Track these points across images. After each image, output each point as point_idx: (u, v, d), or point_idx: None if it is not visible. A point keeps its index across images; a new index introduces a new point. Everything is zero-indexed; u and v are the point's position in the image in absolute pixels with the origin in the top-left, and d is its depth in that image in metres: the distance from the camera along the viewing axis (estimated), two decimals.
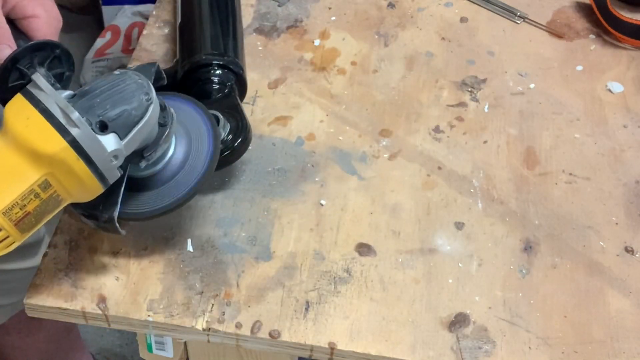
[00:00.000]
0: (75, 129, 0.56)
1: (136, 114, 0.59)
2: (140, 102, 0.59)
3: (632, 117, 0.87)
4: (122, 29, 1.90)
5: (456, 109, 0.87)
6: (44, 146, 0.55)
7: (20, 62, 0.59)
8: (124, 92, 0.59)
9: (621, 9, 0.98)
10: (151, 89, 0.60)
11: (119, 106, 0.58)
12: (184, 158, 0.68)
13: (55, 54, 0.62)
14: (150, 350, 0.83)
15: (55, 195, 0.58)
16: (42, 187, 0.57)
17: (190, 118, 0.70)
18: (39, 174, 0.56)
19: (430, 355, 0.66)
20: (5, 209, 0.56)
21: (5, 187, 0.56)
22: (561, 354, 0.66)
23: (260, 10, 0.99)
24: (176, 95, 0.72)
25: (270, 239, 0.73)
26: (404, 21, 0.98)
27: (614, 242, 0.74)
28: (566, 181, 0.80)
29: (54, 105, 0.56)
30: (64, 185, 0.58)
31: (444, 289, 0.70)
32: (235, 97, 0.78)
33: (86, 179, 0.58)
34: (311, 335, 0.66)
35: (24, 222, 0.57)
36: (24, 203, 0.56)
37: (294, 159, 0.80)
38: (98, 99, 0.58)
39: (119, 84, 0.59)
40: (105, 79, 0.59)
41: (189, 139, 0.69)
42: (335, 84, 0.89)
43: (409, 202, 0.77)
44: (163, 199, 0.67)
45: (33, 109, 0.55)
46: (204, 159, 0.68)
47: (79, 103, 0.57)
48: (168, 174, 0.67)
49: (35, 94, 0.56)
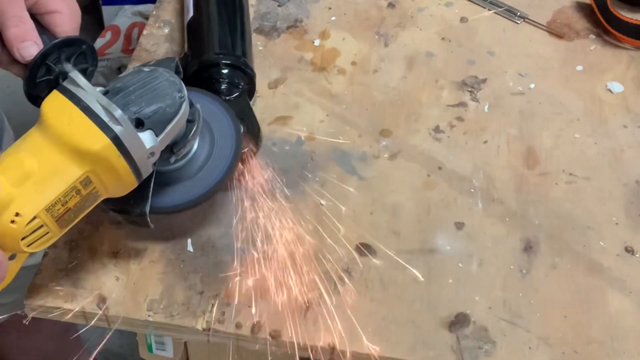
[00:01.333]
0: (118, 127, 0.57)
1: (170, 111, 0.60)
2: (173, 99, 0.60)
3: (632, 117, 0.87)
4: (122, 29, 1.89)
5: (456, 109, 0.87)
6: (88, 144, 0.56)
7: (49, 58, 0.60)
8: (157, 90, 0.59)
9: (621, 9, 0.98)
10: (183, 86, 0.61)
11: (154, 103, 0.59)
12: (208, 153, 0.69)
13: (81, 50, 0.62)
14: (150, 350, 0.84)
15: (94, 191, 0.59)
16: (83, 184, 0.58)
17: (212, 113, 0.71)
18: (82, 171, 0.57)
19: (430, 355, 0.65)
20: (49, 205, 0.57)
21: (50, 184, 0.56)
22: (561, 354, 0.66)
23: (260, 10, 0.99)
24: (197, 91, 0.73)
25: (270, 239, 0.73)
26: (404, 21, 0.98)
27: (614, 242, 0.74)
28: (566, 181, 0.80)
29: (96, 103, 0.56)
30: (102, 181, 0.59)
31: (444, 289, 0.70)
32: (247, 99, 0.78)
33: (124, 175, 0.59)
34: (311, 335, 0.66)
35: (64, 218, 0.58)
36: (66, 200, 0.57)
37: (294, 159, 0.80)
38: (133, 96, 0.59)
39: (151, 81, 0.60)
40: (135, 76, 0.60)
41: (212, 135, 0.69)
42: (335, 84, 0.89)
43: (409, 202, 0.77)
44: (189, 193, 0.68)
45: (74, 107, 0.56)
46: (228, 154, 0.69)
47: (115, 100, 0.58)
48: (193, 168, 0.68)
49: (74, 91, 0.57)
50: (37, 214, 0.56)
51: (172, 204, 0.68)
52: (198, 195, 0.68)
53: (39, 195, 0.56)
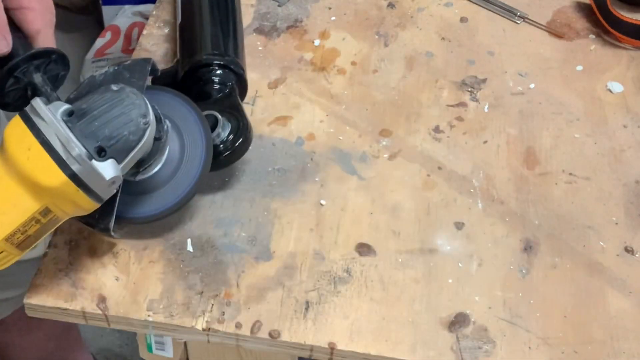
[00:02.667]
0: (76, 165, 0.56)
1: (134, 139, 0.59)
2: (137, 126, 0.59)
3: (632, 117, 0.87)
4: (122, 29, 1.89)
5: (456, 109, 0.87)
6: (46, 180, 0.56)
7: (17, 71, 0.60)
8: (122, 115, 0.58)
9: (621, 9, 0.98)
10: (148, 109, 0.60)
11: (117, 131, 0.58)
12: (179, 158, 0.69)
13: (51, 59, 0.62)
14: (150, 350, 0.84)
15: (54, 218, 0.59)
16: (42, 214, 0.58)
17: (180, 114, 0.70)
18: (40, 204, 0.57)
19: (430, 355, 0.66)
20: (8, 236, 0.57)
21: (8, 216, 0.57)
22: (561, 354, 0.66)
23: (260, 10, 0.99)
24: (164, 90, 0.72)
25: (270, 239, 0.73)
26: (404, 21, 0.98)
27: (614, 242, 0.74)
28: (566, 181, 0.80)
29: (55, 138, 0.56)
30: (62, 210, 0.59)
31: (444, 289, 0.70)
32: (236, 97, 0.78)
33: (84, 203, 0.59)
34: (311, 335, 0.66)
35: (24, 243, 0.59)
36: (25, 229, 0.58)
37: (294, 159, 0.80)
38: (97, 122, 0.57)
39: (117, 104, 0.58)
40: (102, 96, 0.59)
41: (182, 138, 0.69)
42: (335, 84, 0.89)
43: (409, 202, 0.77)
44: (161, 202, 0.68)
45: (34, 140, 0.55)
46: (199, 158, 0.69)
47: (77, 126, 0.57)
48: (164, 176, 0.68)
49: (36, 121, 0.56)
50: None
51: (143, 215, 0.68)
52: (172, 204, 0.68)
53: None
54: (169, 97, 0.72)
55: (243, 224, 0.74)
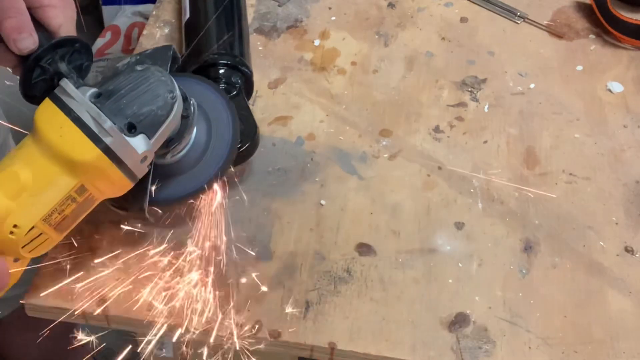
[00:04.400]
0: (109, 137, 0.57)
1: (162, 113, 0.60)
2: (165, 100, 0.60)
3: (632, 117, 0.87)
4: (122, 29, 1.89)
5: (456, 109, 0.87)
6: (79, 155, 0.57)
7: (43, 60, 0.60)
8: (148, 92, 0.59)
9: (621, 9, 0.98)
10: (174, 85, 0.61)
11: (146, 106, 0.59)
12: (206, 141, 0.69)
13: (75, 48, 0.62)
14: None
15: (90, 197, 0.60)
16: (78, 192, 0.58)
17: (207, 99, 0.71)
18: (76, 180, 0.58)
19: (430, 355, 0.65)
20: (46, 215, 0.58)
21: (45, 195, 0.57)
22: (561, 354, 0.66)
23: (260, 10, 0.99)
24: (191, 77, 0.73)
25: (270, 239, 0.73)
26: (404, 21, 0.98)
27: (614, 242, 0.74)
28: (566, 181, 0.80)
29: (86, 114, 0.57)
30: (97, 188, 0.59)
31: (444, 289, 0.70)
32: (244, 98, 0.78)
33: (119, 180, 0.59)
34: (311, 335, 0.66)
35: (62, 224, 0.59)
36: (62, 208, 0.58)
37: (294, 159, 0.80)
38: (124, 99, 0.58)
39: (142, 82, 0.59)
40: (127, 76, 0.60)
41: (209, 122, 0.69)
42: (335, 84, 0.89)
43: (409, 202, 0.77)
44: (191, 183, 0.68)
45: (65, 118, 0.57)
46: (226, 140, 0.69)
47: (106, 105, 0.58)
48: (192, 158, 0.68)
49: (66, 101, 0.57)
50: (34, 224, 0.57)
51: (175, 196, 0.68)
52: (199, 186, 0.68)
53: (35, 207, 0.57)
54: (194, 82, 0.72)
55: (243, 224, 0.74)
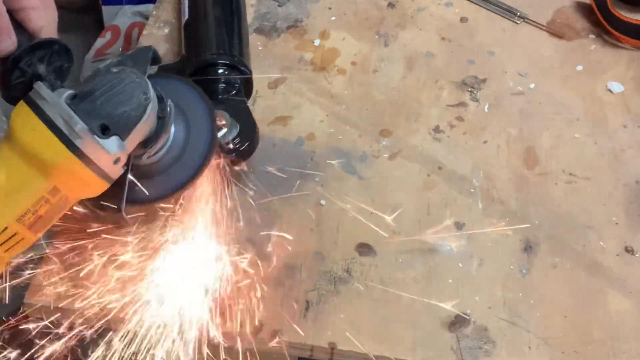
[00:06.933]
0: (79, 140, 0.57)
1: (136, 115, 0.60)
2: (139, 102, 0.60)
3: (632, 117, 0.87)
4: (122, 29, 1.89)
5: (456, 109, 0.87)
6: (51, 157, 0.57)
7: (21, 62, 0.60)
8: (122, 93, 0.60)
9: (621, 9, 0.98)
10: (149, 86, 0.61)
11: (119, 108, 0.59)
12: (184, 140, 0.68)
13: (53, 50, 0.62)
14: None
15: (64, 198, 0.60)
16: (51, 194, 0.59)
17: (187, 100, 0.71)
18: (48, 182, 0.58)
19: (430, 355, 0.65)
20: (19, 216, 0.58)
21: (18, 197, 0.58)
22: (561, 354, 0.66)
23: (260, 10, 0.99)
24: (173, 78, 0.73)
25: (271, 239, 0.73)
26: (404, 21, 0.98)
27: (614, 242, 0.74)
28: (566, 181, 0.80)
29: (58, 116, 0.57)
30: (71, 189, 0.60)
31: (444, 289, 0.70)
32: (243, 98, 0.78)
33: (91, 181, 0.59)
34: (311, 335, 0.66)
35: (36, 224, 0.60)
36: (36, 209, 0.59)
37: (294, 159, 0.80)
38: (98, 101, 0.59)
39: (117, 84, 0.60)
40: (103, 77, 0.60)
41: (187, 122, 0.69)
42: (335, 84, 0.89)
43: (409, 202, 0.77)
44: (169, 183, 0.68)
45: (38, 120, 0.57)
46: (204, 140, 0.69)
47: (80, 107, 0.58)
48: (171, 158, 0.68)
49: (39, 103, 0.57)
50: (7, 224, 0.57)
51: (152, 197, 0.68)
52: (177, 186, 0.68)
53: (8, 207, 0.57)
54: (175, 83, 0.72)
55: (243, 224, 0.74)
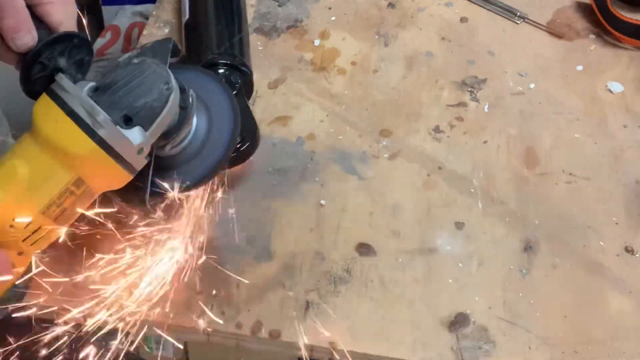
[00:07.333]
0: (102, 130, 0.57)
1: (157, 105, 0.60)
2: (160, 92, 0.60)
3: (632, 117, 0.87)
4: (122, 29, 1.89)
5: (456, 109, 0.87)
6: (74, 148, 0.57)
7: (41, 56, 0.60)
8: (144, 84, 0.60)
9: (621, 9, 0.98)
10: (170, 77, 0.61)
11: (141, 98, 0.59)
12: (207, 131, 0.69)
13: (74, 43, 0.63)
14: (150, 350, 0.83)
15: (88, 190, 0.60)
16: (75, 185, 0.59)
17: (208, 90, 0.71)
18: (72, 174, 0.58)
19: (430, 355, 0.65)
20: (44, 209, 0.58)
21: (42, 189, 0.58)
22: (561, 354, 0.66)
23: (260, 10, 0.99)
24: (192, 68, 0.73)
25: (270, 239, 0.73)
26: (404, 21, 0.98)
27: (614, 242, 0.74)
28: (566, 181, 0.80)
29: (80, 107, 0.57)
30: (95, 180, 0.60)
31: (444, 289, 0.70)
32: (244, 98, 0.78)
33: (116, 172, 0.60)
34: (311, 335, 0.66)
35: (62, 216, 0.60)
36: (61, 201, 0.59)
37: (294, 159, 0.80)
38: (120, 92, 0.59)
39: (138, 75, 0.60)
40: (124, 69, 0.60)
41: (209, 112, 0.69)
42: (335, 84, 0.89)
43: (409, 202, 0.77)
44: (193, 173, 0.68)
45: (60, 111, 0.57)
46: (227, 130, 0.69)
47: (102, 99, 0.58)
48: (193, 149, 0.68)
49: (61, 94, 0.58)
50: (33, 217, 0.57)
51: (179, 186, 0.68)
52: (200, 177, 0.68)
53: (33, 201, 0.57)
54: (195, 73, 0.72)
55: (243, 224, 0.74)
